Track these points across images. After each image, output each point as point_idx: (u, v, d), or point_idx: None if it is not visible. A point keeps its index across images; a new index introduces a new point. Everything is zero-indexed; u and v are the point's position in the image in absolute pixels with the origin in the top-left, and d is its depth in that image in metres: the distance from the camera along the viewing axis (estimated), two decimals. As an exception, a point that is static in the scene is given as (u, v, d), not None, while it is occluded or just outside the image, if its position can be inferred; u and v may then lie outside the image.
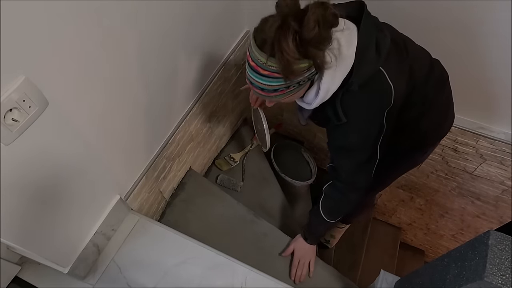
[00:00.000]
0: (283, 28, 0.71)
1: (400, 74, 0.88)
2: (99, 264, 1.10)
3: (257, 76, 0.81)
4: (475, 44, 1.12)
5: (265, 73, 0.79)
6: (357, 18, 0.84)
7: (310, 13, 0.70)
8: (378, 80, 0.84)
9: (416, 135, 1.11)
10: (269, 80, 0.80)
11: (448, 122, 1.17)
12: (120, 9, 0.83)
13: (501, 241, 0.70)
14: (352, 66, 0.82)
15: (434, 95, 1.02)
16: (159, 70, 1.08)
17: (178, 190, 1.47)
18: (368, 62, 0.82)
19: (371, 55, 0.82)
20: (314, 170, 1.88)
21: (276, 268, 1.33)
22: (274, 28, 0.72)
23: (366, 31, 0.82)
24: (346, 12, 0.84)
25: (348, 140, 0.95)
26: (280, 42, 0.71)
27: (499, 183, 1.54)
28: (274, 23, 0.72)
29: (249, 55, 0.81)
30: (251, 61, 0.81)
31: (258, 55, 0.78)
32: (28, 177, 0.78)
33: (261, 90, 0.84)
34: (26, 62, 0.67)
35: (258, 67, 0.79)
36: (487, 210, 1.76)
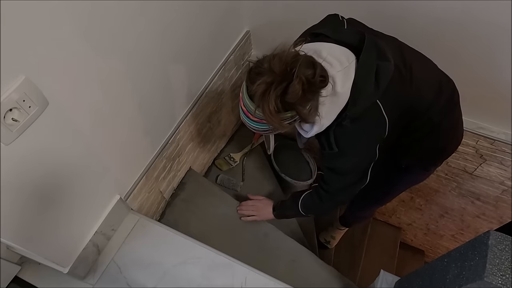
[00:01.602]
0: (265, 95, 0.75)
1: (398, 104, 0.89)
2: (99, 264, 1.10)
3: (248, 120, 0.88)
4: (475, 44, 1.12)
5: (254, 119, 0.85)
6: (359, 48, 0.84)
7: (296, 81, 0.73)
8: (373, 113, 0.85)
9: (419, 157, 1.11)
10: (258, 124, 0.87)
11: (454, 144, 1.16)
12: (120, 9, 0.83)
13: (501, 241, 0.70)
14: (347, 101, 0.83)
15: (440, 119, 1.01)
16: (159, 70, 1.08)
17: (178, 190, 1.47)
18: (365, 95, 0.83)
19: (368, 88, 0.83)
20: (314, 170, 1.87)
21: (276, 268, 1.33)
22: (259, 92, 0.76)
23: (365, 65, 0.83)
24: (347, 40, 0.85)
25: (338, 166, 0.99)
26: (265, 101, 0.76)
27: (499, 183, 1.54)
28: (259, 86, 0.76)
29: (241, 97, 0.86)
30: (243, 106, 0.86)
31: (248, 103, 0.83)
32: (27, 177, 0.78)
33: (252, 129, 0.91)
34: (26, 62, 0.67)
35: (248, 112, 0.85)
36: (487, 210, 1.76)
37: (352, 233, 2.00)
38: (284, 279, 1.11)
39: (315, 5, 1.21)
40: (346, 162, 0.96)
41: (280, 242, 1.42)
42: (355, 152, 0.93)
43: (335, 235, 1.92)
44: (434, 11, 1.09)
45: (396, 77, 0.85)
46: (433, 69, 0.99)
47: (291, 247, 1.43)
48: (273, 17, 1.40)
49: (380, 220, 2.38)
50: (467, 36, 1.11)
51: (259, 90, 0.76)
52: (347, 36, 0.88)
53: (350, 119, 0.84)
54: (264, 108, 0.77)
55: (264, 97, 0.76)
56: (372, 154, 0.94)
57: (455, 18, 1.08)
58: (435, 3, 1.07)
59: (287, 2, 1.31)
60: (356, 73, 0.82)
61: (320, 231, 1.93)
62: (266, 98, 0.75)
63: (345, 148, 0.91)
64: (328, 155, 0.97)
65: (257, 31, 1.51)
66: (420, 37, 1.00)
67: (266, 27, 1.47)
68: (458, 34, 1.12)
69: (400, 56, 0.90)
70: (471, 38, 1.11)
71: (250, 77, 0.81)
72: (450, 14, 1.08)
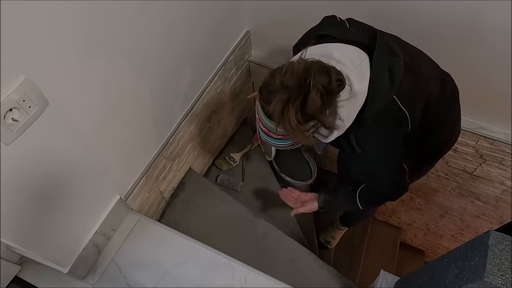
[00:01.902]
0: (284, 112, 0.73)
1: (413, 97, 0.88)
2: (99, 264, 1.10)
3: (270, 139, 0.86)
4: (475, 44, 1.12)
5: (277, 137, 0.83)
6: (369, 46, 0.83)
7: (313, 92, 0.70)
8: (391, 109, 0.84)
9: (425, 152, 1.10)
10: (282, 141, 0.85)
11: (454, 137, 1.17)
12: (120, 9, 0.83)
13: (501, 241, 0.70)
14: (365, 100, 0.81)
15: (445, 114, 1.01)
16: (159, 70, 1.08)
17: (178, 190, 1.47)
18: (382, 93, 0.81)
19: (384, 85, 0.81)
20: (314, 170, 1.87)
21: (276, 268, 1.33)
22: (277, 110, 0.73)
23: (379, 63, 0.81)
24: (357, 39, 0.84)
25: (368, 168, 0.97)
26: (284, 123, 0.74)
27: (499, 183, 1.53)
28: (277, 104, 0.73)
29: (258, 119, 0.84)
30: (262, 126, 0.84)
31: (267, 122, 0.81)
32: (27, 177, 0.78)
33: (278, 146, 0.89)
34: (26, 62, 0.67)
35: (269, 132, 0.83)
36: (487, 210, 1.76)
37: (352, 233, 2.00)
38: (284, 279, 1.11)
39: (315, 5, 1.21)
40: (373, 162, 0.94)
41: (280, 242, 1.42)
42: (379, 151, 0.91)
43: (335, 235, 1.92)
44: (434, 11, 1.09)
45: (406, 73, 0.85)
46: (434, 65, 0.99)
47: (291, 247, 1.43)
48: (273, 17, 1.40)
49: (380, 220, 2.38)
50: (467, 36, 1.11)
51: (277, 109, 0.73)
52: (355, 34, 0.86)
53: (371, 118, 0.83)
54: (285, 125, 0.74)
55: (284, 114, 0.73)
56: (398, 151, 0.91)
57: (455, 18, 1.08)
58: (436, 3, 1.07)
59: (287, 2, 1.31)
60: (372, 71, 0.81)
61: (320, 231, 1.93)
62: (286, 115, 0.73)
63: (369, 148, 0.90)
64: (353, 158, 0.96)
65: (257, 31, 1.51)
66: (420, 37, 1.00)
67: (266, 27, 1.47)
68: (458, 34, 1.12)
69: (405, 52, 0.89)
70: (471, 38, 1.11)
71: (263, 97, 0.79)
72: (450, 14, 1.08)
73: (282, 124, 0.75)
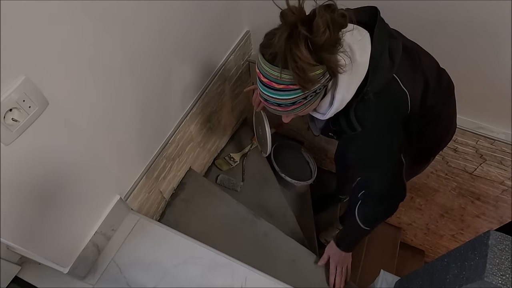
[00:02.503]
0: (293, 37, 0.69)
1: (413, 80, 0.86)
2: (99, 264, 1.10)
3: (272, 92, 0.79)
4: (475, 44, 1.12)
5: (280, 87, 0.76)
6: (368, 24, 0.82)
7: (318, 17, 0.67)
8: (392, 88, 0.82)
9: (421, 147, 1.09)
10: (285, 93, 0.77)
11: (451, 133, 1.17)
12: (119, 9, 0.83)
13: (501, 241, 0.70)
14: (366, 74, 0.79)
15: (441, 107, 1.00)
16: (159, 70, 1.08)
17: (178, 190, 1.47)
18: (383, 69, 0.80)
19: (385, 62, 0.80)
20: (314, 170, 1.88)
21: (276, 268, 1.33)
22: (283, 38, 0.69)
23: (379, 38, 0.80)
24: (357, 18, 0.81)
25: (367, 150, 0.94)
26: (292, 51, 0.69)
27: (499, 183, 1.53)
28: (282, 34, 0.69)
29: (259, 72, 0.79)
30: (263, 77, 0.78)
31: (270, 70, 0.75)
32: (27, 177, 0.78)
33: (278, 106, 0.81)
34: (26, 62, 0.67)
35: (272, 82, 0.77)
36: (487, 210, 1.76)
37: (352, 233, 2.00)
38: (284, 279, 1.11)
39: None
40: (374, 143, 0.90)
41: (280, 242, 1.42)
42: (380, 129, 0.88)
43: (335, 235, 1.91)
44: (434, 10, 1.09)
45: (404, 56, 0.84)
46: (432, 58, 0.99)
47: (291, 247, 1.43)
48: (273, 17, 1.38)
49: (380, 220, 2.38)
50: (467, 35, 1.11)
51: (283, 36, 0.69)
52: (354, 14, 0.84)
53: (372, 93, 0.80)
54: (294, 53, 0.69)
55: (291, 39, 0.68)
56: (398, 133, 0.88)
57: (455, 17, 1.08)
58: (436, 2, 1.07)
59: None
60: (373, 47, 0.79)
61: (320, 231, 1.93)
62: (295, 41, 0.68)
63: (369, 126, 0.86)
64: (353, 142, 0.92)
65: (257, 31, 1.51)
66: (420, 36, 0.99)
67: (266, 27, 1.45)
68: (458, 34, 1.12)
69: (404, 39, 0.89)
70: (471, 38, 1.11)
71: (263, 45, 0.75)
72: (450, 14, 1.08)
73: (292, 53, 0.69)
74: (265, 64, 0.76)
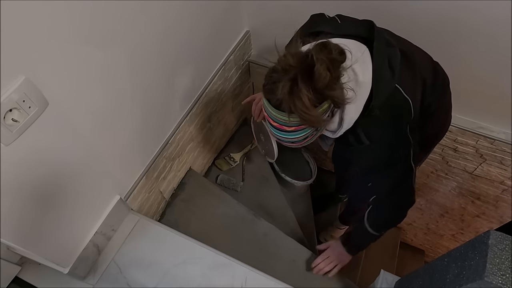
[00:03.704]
0: (294, 91, 0.70)
1: (413, 85, 0.88)
2: (99, 264, 1.10)
3: (284, 134, 0.82)
4: (475, 44, 1.12)
5: (291, 129, 0.79)
6: (366, 38, 0.83)
7: (318, 64, 0.69)
8: (395, 98, 0.84)
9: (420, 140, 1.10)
10: (297, 133, 0.80)
11: (447, 125, 1.18)
12: (119, 10, 0.83)
13: (501, 241, 0.70)
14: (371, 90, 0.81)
15: (439, 101, 1.01)
16: (159, 70, 1.08)
17: (178, 190, 1.47)
18: (385, 82, 0.81)
19: (386, 75, 0.81)
20: (314, 170, 1.87)
21: (276, 268, 1.33)
22: (286, 91, 0.71)
23: (379, 53, 0.81)
24: (355, 32, 0.84)
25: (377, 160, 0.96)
26: (295, 103, 0.71)
27: (499, 183, 1.53)
28: (284, 87, 0.71)
29: (268, 116, 0.81)
30: (273, 121, 0.80)
31: (278, 115, 0.77)
32: (27, 178, 0.78)
33: (292, 143, 0.85)
34: (26, 62, 0.67)
35: (282, 125, 0.79)
36: (487, 210, 1.76)
37: (352, 233, 1.99)
38: (284, 279, 1.11)
39: (315, 5, 1.21)
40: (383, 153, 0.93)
41: (280, 242, 1.42)
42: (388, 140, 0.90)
43: (335, 234, 1.91)
44: (434, 9, 1.09)
45: (402, 62, 0.85)
46: (425, 54, 1.00)
47: (291, 247, 1.43)
48: (273, 17, 1.40)
49: (380, 220, 2.38)
50: (467, 35, 1.11)
51: (285, 91, 0.71)
52: (350, 28, 0.86)
53: (378, 108, 0.82)
54: (298, 106, 0.71)
55: (293, 94, 0.71)
56: (405, 139, 0.90)
57: (455, 17, 1.08)
58: (436, 2, 1.07)
59: (287, 2, 1.31)
60: (374, 62, 0.81)
61: (320, 231, 1.93)
62: (297, 94, 0.70)
63: (377, 139, 0.89)
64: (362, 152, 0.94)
65: (257, 31, 1.51)
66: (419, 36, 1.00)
67: (266, 27, 1.47)
68: (457, 33, 1.12)
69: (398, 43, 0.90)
70: (471, 37, 1.11)
71: (267, 90, 0.76)
72: (450, 13, 1.08)
73: (295, 106, 0.71)
74: (273, 110, 0.77)
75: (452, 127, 1.36)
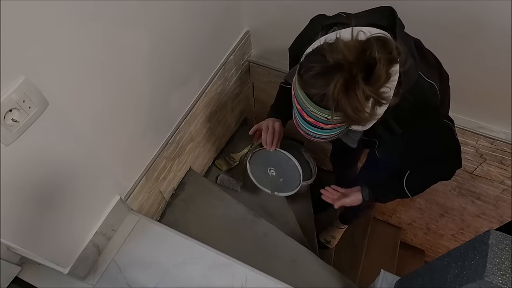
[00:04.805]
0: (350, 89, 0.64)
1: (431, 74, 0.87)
2: (99, 264, 1.10)
3: (317, 131, 0.76)
4: (475, 44, 1.12)
5: (328, 127, 0.74)
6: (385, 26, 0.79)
7: (380, 64, 0.63)
8: (421, 84, 0.81)
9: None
10: (333, 130, 0.75)
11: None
12: (120, 9, 0.83)
13: (501, 241, 0.70)
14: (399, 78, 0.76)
15: (444, 94, 1.00)
16: (159, 70, 1.08)
17: (178, 190, 1.47)
18: (411, 68, 0.78)
19: (410, 61, 0.78)
20: (314, 170, 1.87)
21: (276, 268, 1.33)
22: (339, 89, 0.64)
23: (402, 39, 0.78)
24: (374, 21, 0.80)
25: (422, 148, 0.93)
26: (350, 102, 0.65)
27: (499, 183, 1.53)
28: (338, 83, 0.64)
29: (302, 109, 0.74)
30: (308, 116, 0.74)
31: (317, 111, 0.70)
32: (27, 178, 0.78)
33: (321, 139, 0.80)
34: (26, 63, 0.67)
35: (319, 122, 0.73)
36: (487, 210, 1.76)
37: (352, 233, 2.00)
38: (284, 279, 1.11)
39: (315, 5, 1.21)
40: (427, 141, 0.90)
41: (280, 242, 1.42)
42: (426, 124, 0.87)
43: (335, 234, 1.92)
44: (434, 10, 1.09)
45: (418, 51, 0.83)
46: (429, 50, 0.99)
47: (291, 247, 1.43)
48: (273, 17, 1.40)
49: (380, 220, 2.38)
50: (467, 35, 1.11)
51: (339, 89, 0.64)
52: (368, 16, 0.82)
53: (409, 93, 0.77)
54: (352, 106, 0.64)
55: (350, 94, 0.64)
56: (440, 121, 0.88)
57: (455, 17, 1.08)
58: (435, 2, 1.07)
59: (287, 2, 1.31)
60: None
61: (320, 231, 1.93)
62: (354, 94, 0.63)
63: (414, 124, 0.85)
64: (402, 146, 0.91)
65: (257, 31, 1.51)
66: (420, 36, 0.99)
67: (266, 27, 1.47)
68: (457, 33, 1.12)
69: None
70: (471, 37, 1.11)
71: (309, 84, 0.69)
72: (450, 13, 1.08)
73: (346, 106, 0.65)
74: (312, 106, 0.71)
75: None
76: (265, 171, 1.37)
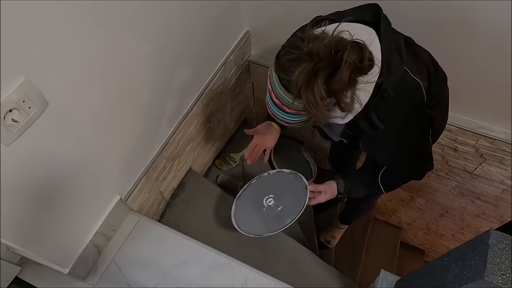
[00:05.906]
0: (310, 81, 0.67)
1: (420, 71, 0.87)
2: (99, 265, 1.10)
3: (282, 113, 0.80)
4: (475, 44, 1.12)
5: (290, 111, 0.77)
6: (372, 22, 0.81)
7: (344, 67, 0.65)
8: (406, 80, 0.82)
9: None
10: (295, 117, 0.79)
11: (444, 125, 1.17)
12: (120, 9, 0.83)
13: (501, 241, 0.70)
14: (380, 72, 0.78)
15: (440, 95, 1.01)
16: (159, 70, 1.08)
17: (178, 190, 1.47)
18: (395, 64, 0.80)
19: (395, 58, 0.80)
20: (314, 170, 1.87)
21: (276, 268, 1.33)
22: (302, 78, 0.67)
23: (386, 36, 0.79)
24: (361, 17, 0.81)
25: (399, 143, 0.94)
26: (307, 94, 0.68)
27: (499, 183, 1.53)
28: (302, 72, 0.67)
29: (271, 89, 0.78)
30: (275, 98, 0.77)
31: (283, 94, 0.74)
32: (27, 178, 0.78)
33: (286, 123, 0.83)
34: (26, 63, 0.67)
35: (283, 105, 0.77)
36: (487, 210, 1.76)
37: (352, 233, 2.00)
38: (284, 279, 1.11)
39: (315, 5, 1.21)
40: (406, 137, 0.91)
41: (280, 242, 1.42)
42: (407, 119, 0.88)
43: (335, 234, 1.92)
44: (434, 9, 1.09)
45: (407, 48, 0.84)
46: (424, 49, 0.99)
47: (292, 247, 1.43)
48: (273, 17, 1.40)
49: (380, 220, 2.38)
50: (467, 34, 1.11)
51: (301, 79, 0.67)
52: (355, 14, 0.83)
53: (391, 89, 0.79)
54: (308, 98, 0.68)
55: (309, 86, 0.67)
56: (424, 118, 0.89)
57: (455, 17, 1.08)
58: (435, 3, 1.07)
59: (287, 2, 1.31)
60: (382, 43, 0.78)
61: (320, 231, 1.93)
62: (311, 87, 0.66)
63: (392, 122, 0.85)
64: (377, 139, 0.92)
65: (257, 31, 1.51)
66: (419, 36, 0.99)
67: (266, 27, 1.47)
68: (457, 33, 1.12)
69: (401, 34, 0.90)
70: (471, 37, 1.11)
71: (281, 66, 0.72)
72: (450, 13, 1.08)
73: (304, 96, 0.68)
74: (279, 87, 0.74)
75: (452, 126, 1.36)
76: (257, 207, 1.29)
